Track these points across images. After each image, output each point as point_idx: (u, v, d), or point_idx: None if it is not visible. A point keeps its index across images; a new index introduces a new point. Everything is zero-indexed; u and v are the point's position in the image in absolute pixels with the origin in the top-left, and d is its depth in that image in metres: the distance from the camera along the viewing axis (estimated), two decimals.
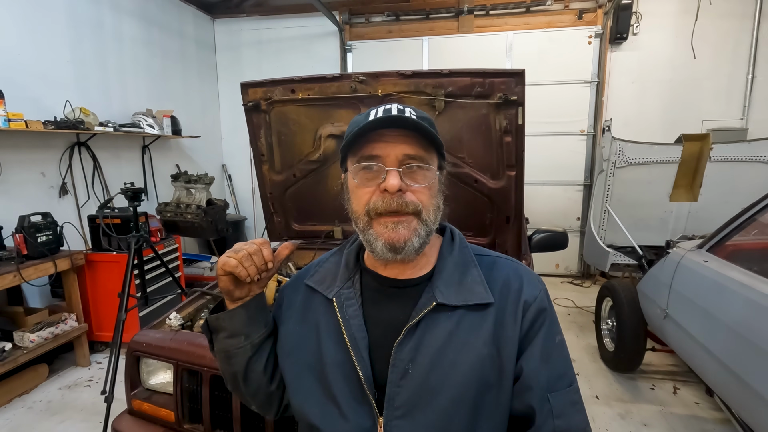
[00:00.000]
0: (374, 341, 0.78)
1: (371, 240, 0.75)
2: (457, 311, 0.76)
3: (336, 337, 0.79)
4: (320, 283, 0.86)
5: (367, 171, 0.74)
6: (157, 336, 1.53)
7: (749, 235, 2.22)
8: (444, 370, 0.73)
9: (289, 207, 2.40)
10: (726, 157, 3.25)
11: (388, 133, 0.73)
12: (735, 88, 4.70)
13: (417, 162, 0.74)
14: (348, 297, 0.81)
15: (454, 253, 0.83)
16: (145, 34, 4.43)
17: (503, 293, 0.77)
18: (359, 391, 0.75)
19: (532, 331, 0.75)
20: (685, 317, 2.26)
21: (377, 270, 0.83)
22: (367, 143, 0.74)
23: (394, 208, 0.72)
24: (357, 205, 0.77)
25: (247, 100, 2.10)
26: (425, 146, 0.75)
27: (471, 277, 0.79)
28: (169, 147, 4.83)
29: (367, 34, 5.37)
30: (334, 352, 0.78)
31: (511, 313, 0.76)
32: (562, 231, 2.36)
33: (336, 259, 0.90)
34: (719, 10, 4.56)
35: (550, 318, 0.78)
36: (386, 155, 0.73)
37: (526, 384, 0.73)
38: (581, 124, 5.04)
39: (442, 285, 0.77)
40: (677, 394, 2.79)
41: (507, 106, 1.77)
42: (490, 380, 0.73)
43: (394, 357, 0.74)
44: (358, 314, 0.79)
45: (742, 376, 1.78)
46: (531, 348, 0.75)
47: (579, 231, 5.17)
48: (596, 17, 4.83)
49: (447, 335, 0.74)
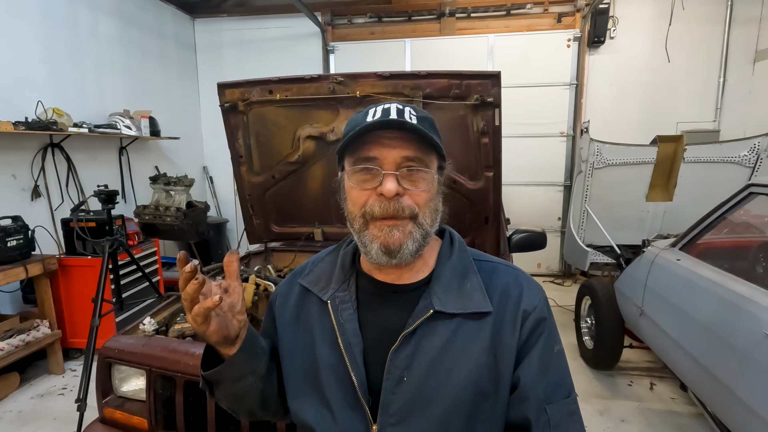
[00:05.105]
0: (369, 346, 0.76)
1: (366, 243, 0.74)
2: (455, 319, 0.74)
3: (330, 340, 0.77)
4: (315, 283, 0.84)
5: (363, 173, 0.73)
6: (130, 342, 1.49)
7: (720, 233, 2.29)
8: (440, 378, 0.71)
9: (269, 209, 2.37)
10: (699, 158, 3.34)
11: (387, 135, 0.71)
12: (708, 91, 4.84)
13: (415, 165, 0.72)
14: (343, 300, 0.79)
15: (453, 257, 0.81)
16: (122, 33, 4.34)
17: (502, 301, 0.76)
18: (353, 397, 0.74)
19: (531, 341, 0.74)
20: (660, 314, 2.32)
21: (373, 274, 0.81)
22: (364, 144, 0.72)
23: (390, 213, 0.71)
24: (353, 206, 0.75)
25: (224, 101, 2.07)
26: (424, 148, 0.73)
27: (470, 284, 0.77)
28: (148, 148, 4.74)
29: (349, 35, 5.37)
30: (328, 355, 0.77)
31: (510, 321, 0.74)
32: (540, 231, 2.39)
33: (331, 259, 0.87)
34: (692, 16, 4.69)
35: (550, 327, 0.76)
36: (384, 158, 0.71)
37: (523, 394, 0.72)
38: (561, 125, 5.12)
39: (440, 291, 0.76)
40: (654, 390, 2.85)
41: (484, 108, 1.78)
42: (486, 389, 0.72)
43: (389, 364, 0.73)
44: (353, 318, 0.77)
45: (713, 371, 1.82)
46: (529, 358, 0.73)
47: (560, 231, 5.25)
48: (575, 21, 4.92)
49: (444, 343, 0.73)
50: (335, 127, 2.02)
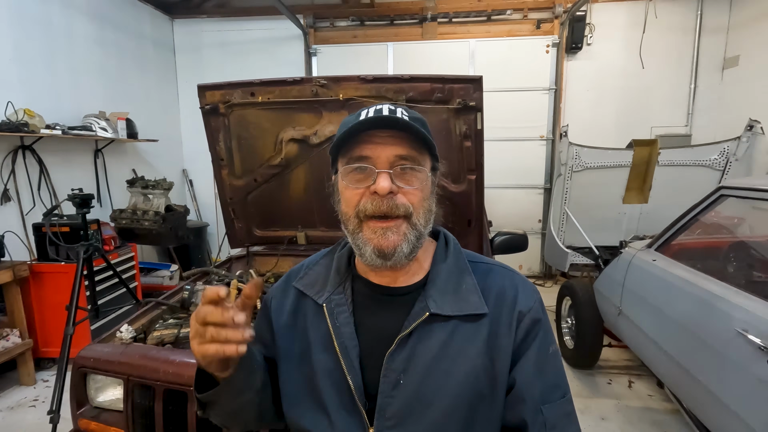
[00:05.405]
0: (365, 350, 0.75)
1: (360, 245, 0.73)
2: (451, 321, 0.74)
3: (326, 343, 0.76)
4: (310, 286, 0.83)
5: (357, 173, 0.72)
6: (106, 350, 1.45)
7: (693, 234, 2.37)
8: (437, 381, 0.71)
9: (251, 212, 2.34)
10: (672, 161, 3.45)
11: (379, 134, 0.72)
12: (680, 96, 5.01)
13: (409, 163, 0.72)
14: (339, 303, 0.79)
15: (448, 259, 0.81)
16: (98, 33, 4.22)
17: (498, 303, 0.76)
18: (349, 401, 0.73)
19: (526, 342, 0.74)
20: (637, 314, 2.38)
21: (368, 277, 0.80)
22: (357, 144, 0.72)
23: (383, 211, 0.70)
24: (347, 207, 0.74)
25: (204, 103, 2.04)
26: (417, 147, 0.73)
27: (465, 286, 0.77)
28: (125, 151, 4.62)
29: (332, 38, 5.36)
30: (324, 359, 0.76)
31: (506, 323, 0.74)
32: (522, 233, 2.43)
33: (326, 262, 0.86)
34: (664, 24, 4.85)
35: (545, 328, 0.77)
36: (377, 156, 0.71)
37: (520, 396, 0.72)
38: (541, 129, 5.22)
39: (436, 294, 0.75)
40: (632, 388, 2.92)
41: (466, 112, 1.80)
42: (483, 391, 0.72)
43: (386, 367, 0.72)
44: (349, 321, 0.77)
45: (688, 368, 1.88)
46: (525, 359, 0.74)
47: (540, 233, 5.34)
48: (553, 27, 5.03)
49: (440, 346, 0.72)
50: (318, 130, 2.02)
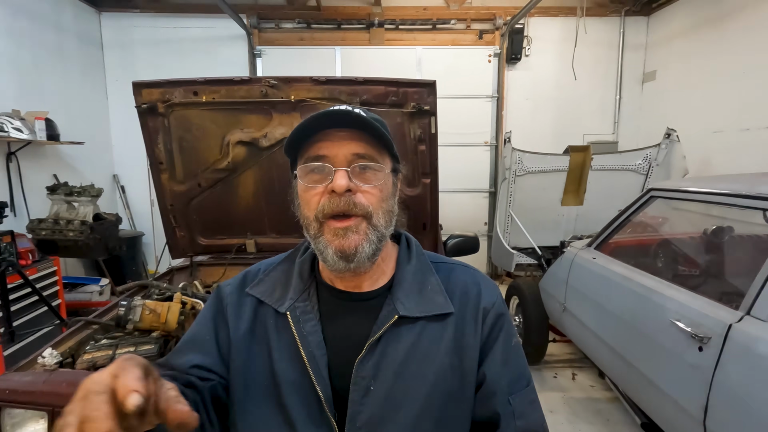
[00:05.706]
0: (333, 358, 0.73)
1: (322, 248, 0.71)
2: (419, 322, 0.74)
3: (290, 354, 0.72)
4: (268, 294, 0.78)
5: (314, 173, 0.70)
6: (25, 379, 1.26)
7: (626, 233, 2.56)
8: (407, 383, 0.71)
9: (194, 220, 2.19)
10: (603, 166, 3.72)
11: (337, 133, 0.70)
12: (607, 106, 5.45)
13: (367, 161, 0.70)
14: (305, 311, 0.75)
15: (412, 261, 0.81)
16: (10, 23, 3.78)
17: (462, 301, 0.77)
18: (318, 412, 0.70)
19: (492, 337, 0.76)
20: (580, 309, 2.52)
21: (333, 283, 0.78)
22: (313, 143, 0.71)
23: (341, 209, 0.68)
24: (307, 209, 0.72)
25: (140, 102, 1.88)
26: (375, 146, 0.72)
27: (430, 286, 0.77)
28: (44, 154, 4.16)
29: (277, 39, 5.22)
30: (290, 371, 0.72)
31: (471, 320, 0.75)
32: (473, 236, 2.49)
33: (285, 268, 0.82)
34: (593, 39, 5.25)
35: (507, 322, 0.79)
36: (334, 155, 0.69)
37: (491, 390, 0.73)
38: (485, 135, 5.43)
39: (403, 296, 0.75)
40: (575, 380, 3.09)
41: (420, 116, 1.81)
42: (452, 390, 0.72)
43: (356, 375, 0.70)
44: (317, 330, 0.73)
45: (627, 358, 2.01)
46: (492, 354, 0.75)
47: (486, 235, 5.53)
48: (494, 38, 5.26)
49: (409, 348, 0.72)
50: (268, 133, 1.93)
